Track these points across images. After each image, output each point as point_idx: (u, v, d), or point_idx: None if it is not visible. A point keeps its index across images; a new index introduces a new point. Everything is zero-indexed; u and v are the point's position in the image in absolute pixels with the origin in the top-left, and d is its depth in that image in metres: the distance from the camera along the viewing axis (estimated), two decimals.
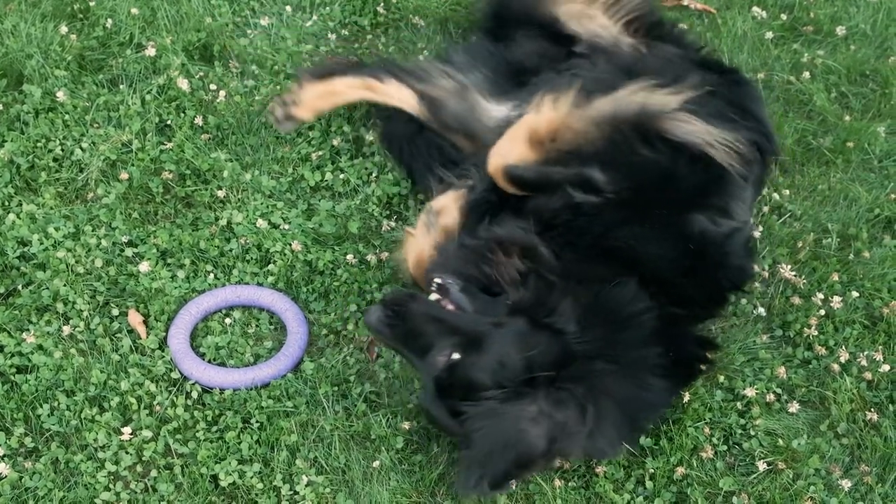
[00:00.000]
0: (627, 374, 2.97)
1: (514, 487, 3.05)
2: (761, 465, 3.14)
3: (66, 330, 3.30)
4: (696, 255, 3.17)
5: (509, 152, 3.30)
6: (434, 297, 3.06)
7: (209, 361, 3.29)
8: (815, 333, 3.48)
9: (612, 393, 2.93)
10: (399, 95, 3.74)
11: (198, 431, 3.12)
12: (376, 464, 3.10)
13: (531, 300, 3.02)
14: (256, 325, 3.44)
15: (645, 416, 3.09)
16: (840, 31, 4.55)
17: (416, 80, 3.73)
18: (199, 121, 3.88)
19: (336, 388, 3.27)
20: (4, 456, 3.02)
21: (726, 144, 3.31)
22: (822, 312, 3.53)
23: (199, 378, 3.22)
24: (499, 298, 3.08)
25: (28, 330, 3.28)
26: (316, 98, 3.82)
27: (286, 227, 3.64)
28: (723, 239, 3.25)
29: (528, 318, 2.97)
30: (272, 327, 3.44)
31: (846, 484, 3.11)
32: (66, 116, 3.86)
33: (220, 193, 3.69)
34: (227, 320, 3.43)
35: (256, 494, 3.02)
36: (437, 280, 3.09)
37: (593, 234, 3.14)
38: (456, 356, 2.88)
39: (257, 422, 3.15)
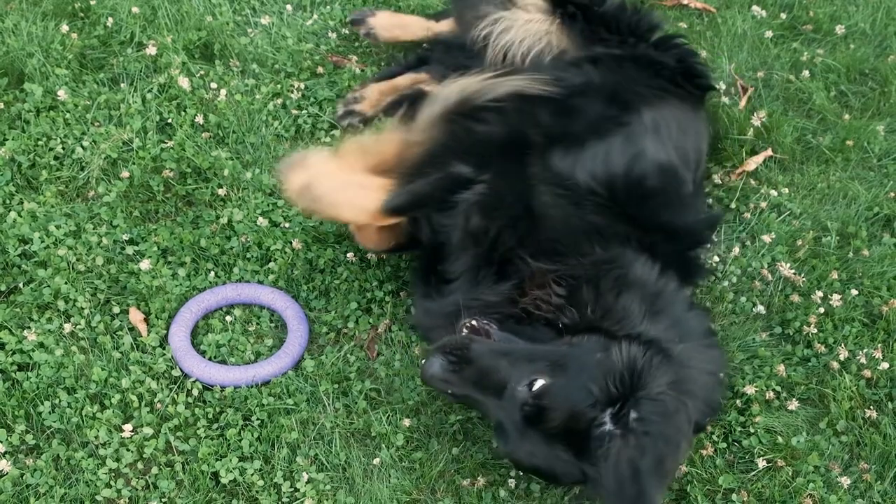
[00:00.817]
0: (693, 347, 2.94)
1: None
2: (761, 463, 3.15)
3: (67, 328, 3.30)
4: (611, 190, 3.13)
5: (370, 195, 3.14)
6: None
7: (210, 359, 3.30)
8: (815, 331, 3.49)
9: (696, 378, 2.88)
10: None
11: (198, 429, 3.13)
12: (376, 461, 3.11)
13: (592, 313, 2.93)
14: (257, 323, 3.45)
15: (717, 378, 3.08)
16: (839, 29, 4.56)
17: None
18: (199, 119, 3.88)
19: (336, 386, 3.27)
20: (6, 453, 3.03)
21: (537, 80, 3.36)
22: (822, 310, 3.54)
23: (199, 376, 3.22)
24: (543, 328, 2.96)
25: (29, 328, 3.29)
26: (379, 94, 3.96)
27: (286, 225, 3.64)
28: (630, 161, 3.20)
29: (600, 330, 2.88)
30: (273, 325, 3.45)
31: (845, 481, 3.12)
32: (67, 115, 3.87)
33: (221, 192, 3.70)
34: (228, 318, 3.43)
35: (257, 491, 3.02)
36: (472, 322, 2.93)
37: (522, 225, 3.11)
38: (542, 381, 2.73)
39: (258, 419, 3.16)
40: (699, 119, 3.66)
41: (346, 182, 3.14)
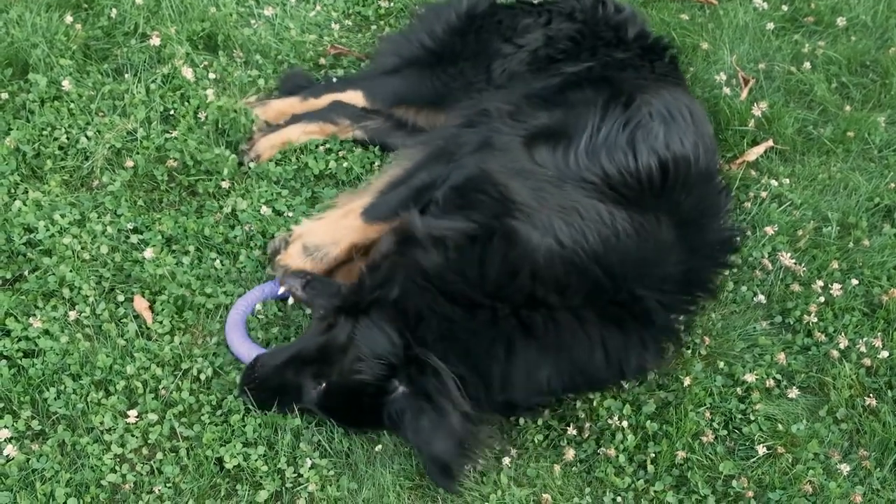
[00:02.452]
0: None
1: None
2: (761, 450, 3.17)
3: (73, 315, 3.32)
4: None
5: (354, 216, 3.51)
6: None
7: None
8: (815, 320, 3.51)
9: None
10: (353, 134, 4.00)
11: (203, 415, 3.15)
12: (378, 448, 3.13)
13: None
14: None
15: None
16: (841, 21, 4.58)
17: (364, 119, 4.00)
18: (202, 114, 3.90)
19: None
20: (12, 438, 3.05)
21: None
22: (822, 300, 3.56)
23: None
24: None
25: (34, 315, 3.31)
26: (271, 148, 3.91)
27: (290, 214, 3.66)
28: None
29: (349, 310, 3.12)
30: None
31: (845, 468, 3.14)
32: (72, 105, 3.89)
33: (224, 184, 3.72)
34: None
35: (261, 477, 3.04)
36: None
37: None
38: (323, 384, 3.07)
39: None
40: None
41: (330, 222, 3.52)
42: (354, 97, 3.96)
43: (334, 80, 4.10)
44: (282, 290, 3.38)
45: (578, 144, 3.35)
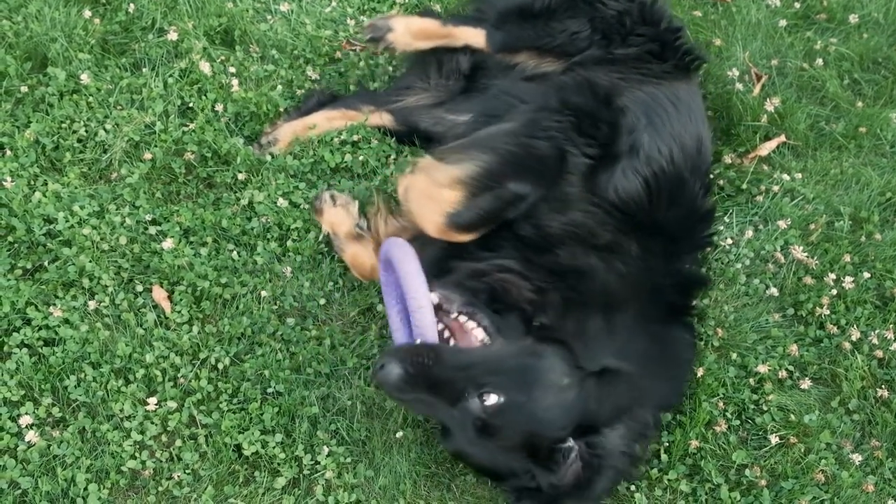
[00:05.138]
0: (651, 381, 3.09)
1: None
2: (774, 440, 3.20)
3: (92, 305, 3.36)
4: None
5: (438, 206, 3.21)
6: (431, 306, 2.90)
7: None
8: (827, 313, 3.54)
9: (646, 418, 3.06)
10: (377, 120, 3.99)
11: (221, 402, 3.19)
12: (399, 434, 3.15)
13: (559, 322, 3.00)
14: None
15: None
16: (853, 19, 4.59)
17: (390, 103, 3.99)
18: (219, 107, 3.94)
19: (363, 362, 3.34)
20: (33, 425, 3.09)
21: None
22: (834, 292, 3.59)
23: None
24: (512, 318, 3.01)
25: (54, 304, 3.35)
26: (293, 135, 3.93)
27: (306, 206, 3.70)
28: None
29: (567, 346, 2.94)
30: None
31: (857, 458, 3.17)
32: (90, 98, 3.92)
33: (241, 177, 3.75)
34: None
35: (279, 464, 3.08)
36: (440, 294, 2.96)
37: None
38: (496, 398, 2.79)
39: (275, 392, 3.23)
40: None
41: (425, 193, 3.24)
42: (476, 36, 3.98)
43: None
44: (435, 298, 2.93)
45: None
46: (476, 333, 2.96)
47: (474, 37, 3.96)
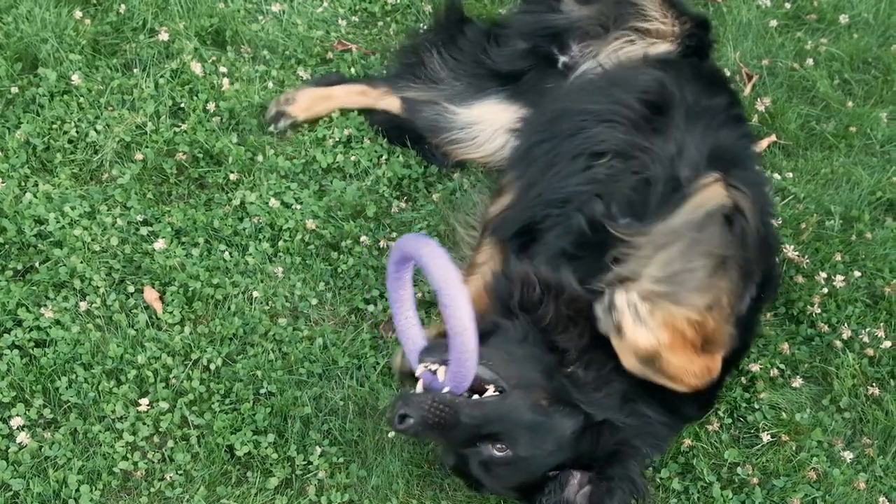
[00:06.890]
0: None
1: None
2: (765, 438, 3.21)
3: (83, 305, 3.36)
4: None
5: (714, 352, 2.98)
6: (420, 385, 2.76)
7: None
8: (819, 311, 3.55)
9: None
10: (387, 101, 4.03)
11: (213, 403, 3.18)
12: (391, 434, 3.15)
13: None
14: None
15: None
16: (843, 19, 4.61)
17: (403, 88, 4.03)
18: (211, 106, 3.93)
19: (355, 361, 3.34)
20: (24, 426, 3.08)
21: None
22: (825, 291, 3.60)
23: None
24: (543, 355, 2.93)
25: (46, 305, 3.34)
26: (311, 100, 3.97)
27: (298, 206, 3.70)
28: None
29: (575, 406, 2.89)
30: None
31: (848, 455, 3.18)
32: (81, 99, 3.92)
33: (233, 177, 3.75)
34: None
35: (271, 464, 3.08)
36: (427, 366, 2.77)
37: None
38: (508, 451, 2.78)
39: (268, 392, 3.22)
40: None
41: (687, 360, 2.90)
42: None
43: None
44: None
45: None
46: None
47: None
